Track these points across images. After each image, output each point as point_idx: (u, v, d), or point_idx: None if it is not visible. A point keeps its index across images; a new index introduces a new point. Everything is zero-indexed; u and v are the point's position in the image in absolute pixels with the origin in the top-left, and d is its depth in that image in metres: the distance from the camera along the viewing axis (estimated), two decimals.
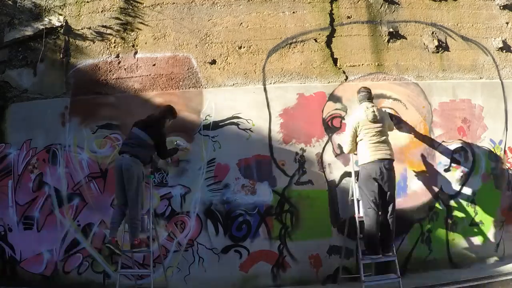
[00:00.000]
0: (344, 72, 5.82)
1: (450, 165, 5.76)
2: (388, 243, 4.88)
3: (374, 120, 4.92)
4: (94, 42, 5.82)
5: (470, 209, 5.74)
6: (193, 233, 5.46)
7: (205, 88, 5.70)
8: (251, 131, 5.59)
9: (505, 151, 5.94)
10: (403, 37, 6.01)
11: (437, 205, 5.62)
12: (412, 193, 5.53)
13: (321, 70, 5.81)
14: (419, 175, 5.63)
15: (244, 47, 5.82)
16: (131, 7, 5.88)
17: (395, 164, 5.02)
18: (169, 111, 5.24)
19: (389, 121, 5.21)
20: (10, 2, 5.96)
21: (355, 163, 5.28)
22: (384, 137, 4.96)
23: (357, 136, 5.00)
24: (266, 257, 5.46)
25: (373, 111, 4.94)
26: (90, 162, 5.56)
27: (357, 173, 5.11)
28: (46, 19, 5.84)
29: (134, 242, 4.81)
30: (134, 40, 5.80)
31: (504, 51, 6.15)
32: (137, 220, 4.81)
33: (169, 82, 5.70)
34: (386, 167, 4.83)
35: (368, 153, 4.88)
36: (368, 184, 4.87)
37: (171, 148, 5.25)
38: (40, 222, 5.49)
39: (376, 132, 4.92)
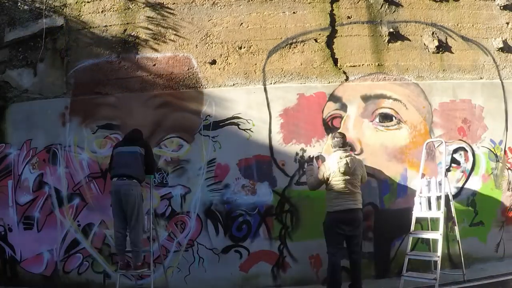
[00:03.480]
0: (344, 72, 5.82)
1: (450, 165, 5.76)
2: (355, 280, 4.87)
3: (345, 173, 4.79)
4: (94, 42, 5.82)
5: (470, 209, 5.75)
6: (193, 233, 5.46)
7: (205, 88, 5.70)
8: (251, 131, 5.59)
9: (505, 151, 5.95)
10: (403, 37, 6.01)
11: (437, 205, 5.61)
12: (412, 193, 5.52)
13: (321, 70, 5.81)
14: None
15: (244, 47, 5.82)
16: (131, 7, 5.87)
17: (395, 163, 5.01)
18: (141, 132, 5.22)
19: (363, 172, 5.00)
20: (10, 2, 5.96)
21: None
22: (353, 189, 4.82)
23: (326, 183, 4.89)
24: (266, 257, 5.46)
25: (346, 163, 4.79)
26: (90, 162, 5.57)
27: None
28: (46, 19, 5.83)
29: (137, 265, 4.82)
30: (134, 40, 5.79)
31: (504, 51, 6.15)
32: (139, 245, 4.79)
33: (169, 82, 5.70)
34: (351, 217, 4.78)
35: (334, 203, 4.82)
36: (331, 232, 4.85)
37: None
38: (40, 222, 5.50)
39: (346, 184, 4.78)
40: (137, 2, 5.87)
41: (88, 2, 5.90)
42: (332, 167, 4.84)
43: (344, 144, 4.98)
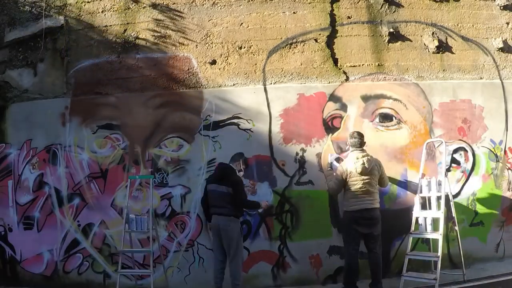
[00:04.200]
0: (344, 72, 5.82)
1: (450, 165, 5.76)
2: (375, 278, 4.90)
3: (362, 173, 4.84)
4: (94, 42, 5.82)
5: (470, 209, 5.75)
6: (194, 233, 5.46)
7: (206, 88, 5.70)
8: (251, 131, 5.59)
9: (505, 151, 5.95)
10: (404, 37, 6.01)
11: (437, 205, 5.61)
12: (412, 193, 5.52)
13: (321, 70, 5.81)
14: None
15: (244, 47, 5.82)
16: (131, 7, 5.87)
17: (395, 163, 5.02)
18: (235, 158, 5.29)
19: (382, 173, 5.03)
20: (10, 2, 5.96)
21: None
22: (370, 189, 4.88)
23: (344, 184, 4.96)
24: (266, 257, 5.46)
25: (363, 163, 4.84)
26: (90, 162, 5.57)
27: None
28: (46, 19, 5.83)
29: None
30: (135, 40, 5.79)
31: (504, 51, 6.15)
32: (239, 279, 4.79)
33: (169, 82, 5.70)
34: (368, 216, 4.84)
35: (350, 203, 4.90)
36: (348, 230, 4.95)
37: (254, 201, 5.17)
38: (40, 222, 5.50)
39: (363, 184, 4.85)
40: (137, 2, 5.86)
41: (88, 2, 5.90)
42: (349, 168, 4.89)
43: (362, 144, 5.01)
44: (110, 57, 5.77)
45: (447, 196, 5.18)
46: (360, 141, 5.00)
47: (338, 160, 5.43)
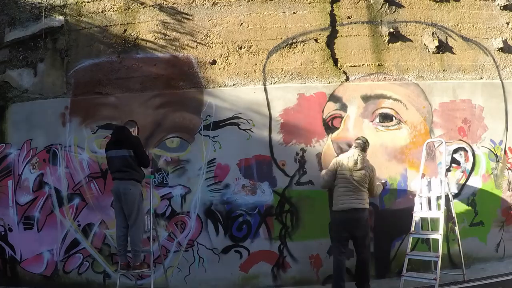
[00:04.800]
0: (344, 73, 5.82)
1: (450, 165, 5.76)
2: (362, 280, 4.88)
3: (352, 169, 4.83)
4: (94, 42, 5.82)
5: (470, 209, 5.75)
6: (194, 233, 5.46)
7: (206, 88, 5.70)
8: (252, 131, 5.59)
9: (505, 151, 5.95)
10: (404, 37, 6.01)
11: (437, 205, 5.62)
12: (412, 193, 5.52)
13: (321, 70, 5.81)
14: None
15: (244, 47, 5.82)
16: (131, 7, 5.87)
17: (395, 164, 5.02)
18: (131, 122, 5.12)
19: (371, 178, 4.92)
20: (10, 2, 5.96)
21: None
22: (360, 187, 4.82)
23: (334, 179, 4.92)
24: (266, 257, 5.46)
25: (356, 160, 4.86)
26: (90, 162, 5.57)
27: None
28: (46, 19, 5.83)
29: (136, 264, 4.79)
30: (135, 40, 5.79)
31: (505, 51, 6.15)
32: (139, 246, 4.77)
33: (169, 82, 5.70)
34: (356, 217, 4.77)
35: (338, 201, 4.87)
36: (335, 232, 4.93)
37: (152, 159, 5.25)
38: (40, 222, 5.50)
39: (352, 180, 4.82)
40: (137, 2, 5.87)
41: (88, 2, 5.90)
42: (342, 161, 4.93)
43: (364, 149, 5.00)
44: (110, 57, 5.77)
45: (447, 196, 5.18)
46: (364, 144, 5.02)
47: None
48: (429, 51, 6.00)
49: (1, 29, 5.90)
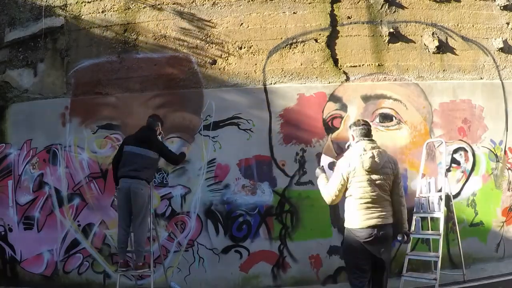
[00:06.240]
0: (344, 73, 5.82)
1: (450, 165, 5.76)
2: None
3: (372, 170, 3.45)
4: (94, 42, 5.82)
5: (470, 209, 5.75)
6: (194, 233, 5.46)
7: (206, 88, 5.70)
8: (252, 131, 5.59)
9: (505, 151, 5.95)
10: (404, 37, 6.01)
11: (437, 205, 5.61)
12: (412, 193, 5.52)
13: (321, 71, 5.81)
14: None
15: (244, 48, 5.82)
16: (131, 7, 5.87)
17: None
18: (155, 119, 5.03)
19: (395, 174, 3.62)
20: (10, 2, 5.96)
21: None
22: (383, 194, 3.48)
23: (346, 188, 3.54)
24: (266, 257, 5.46)
25: (372, 156, 3.44)
26: (90, 162, 5.57)
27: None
28: (46, 19, 5.83)
29: (139, 264, 4.77)
30: (135, 40, 5.79)
31: (505, 51, 6.16)
32: (143, 246, 4.75)
33: (169, 82, 5.70)
34: (380, 236, 3.41)
35: (356, 216, 3.47)
36: (353, 256, 3.51)
37: (181, 152, 5.14)
38: (40, 222, 5.50)
39: (372, 187, 3.44)
40: (137, 2, 5.87)
41: (88, 2, 5.90)
42: (353, 163, 3.47)
43: (369, 134, 3.61)
44: (110, 57, 5.77)
45: (447, 196, 5.18)
46: (368, 129, 3.62)
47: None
48: (429, 51, 6.00)
49: (1, 29, 5.90)
